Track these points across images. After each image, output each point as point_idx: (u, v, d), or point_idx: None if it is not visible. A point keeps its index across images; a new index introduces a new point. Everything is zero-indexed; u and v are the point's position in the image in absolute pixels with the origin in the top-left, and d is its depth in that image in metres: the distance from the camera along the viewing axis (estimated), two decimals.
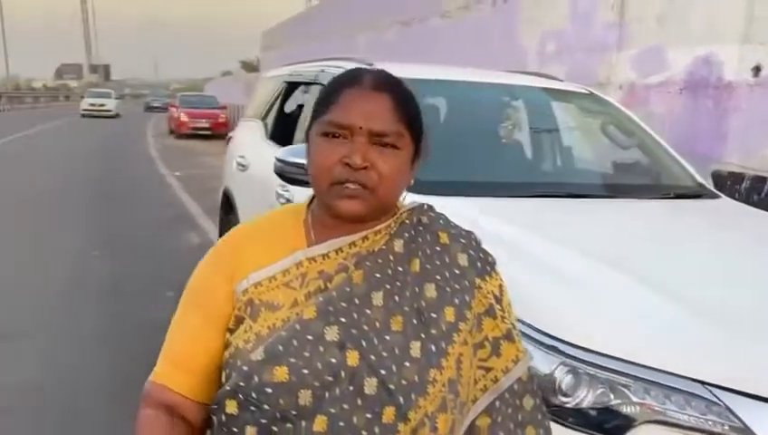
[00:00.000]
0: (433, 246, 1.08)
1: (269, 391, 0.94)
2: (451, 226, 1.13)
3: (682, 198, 2.75)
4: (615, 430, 1.43)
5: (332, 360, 0.96)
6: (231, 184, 4.45)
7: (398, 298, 1.02)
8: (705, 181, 2.98)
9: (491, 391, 1.06)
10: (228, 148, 4.90)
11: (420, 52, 9.98)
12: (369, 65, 2.95)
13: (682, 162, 3.05)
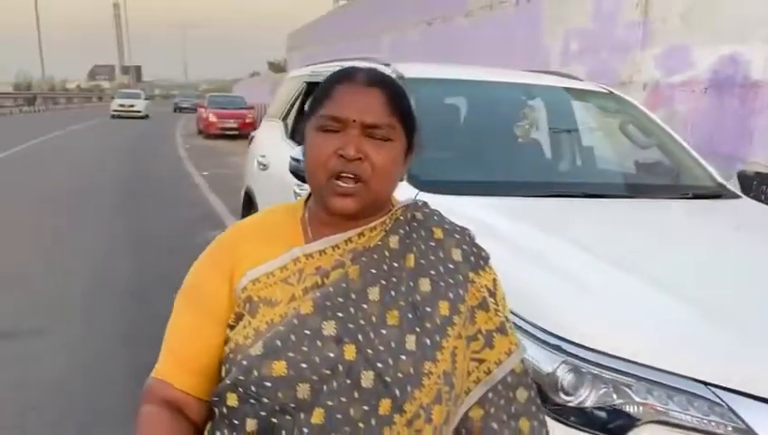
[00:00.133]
0: (427, 242, 1.09)
1: (268, 384, 0.96)
2: (445, 222, 1.14)
3: (701, 198, 2.72)
4: (617, 430, 1.43)
5: (330, 354, 0.97)
6: (252, 183, 4.49)
7: (393, 293, 1.03)
8: (725, 181, 2.94)
9: (484, 382, 1.07)
10: (250, 147, 4.93)
11: (444, 51, 9.97)
12: (386, 65, 2.97)
13: (701, 162, 3.01)
